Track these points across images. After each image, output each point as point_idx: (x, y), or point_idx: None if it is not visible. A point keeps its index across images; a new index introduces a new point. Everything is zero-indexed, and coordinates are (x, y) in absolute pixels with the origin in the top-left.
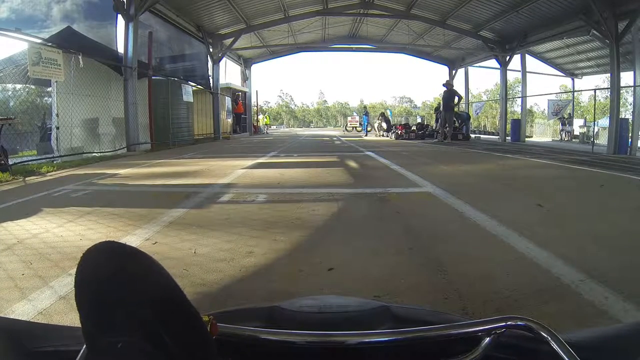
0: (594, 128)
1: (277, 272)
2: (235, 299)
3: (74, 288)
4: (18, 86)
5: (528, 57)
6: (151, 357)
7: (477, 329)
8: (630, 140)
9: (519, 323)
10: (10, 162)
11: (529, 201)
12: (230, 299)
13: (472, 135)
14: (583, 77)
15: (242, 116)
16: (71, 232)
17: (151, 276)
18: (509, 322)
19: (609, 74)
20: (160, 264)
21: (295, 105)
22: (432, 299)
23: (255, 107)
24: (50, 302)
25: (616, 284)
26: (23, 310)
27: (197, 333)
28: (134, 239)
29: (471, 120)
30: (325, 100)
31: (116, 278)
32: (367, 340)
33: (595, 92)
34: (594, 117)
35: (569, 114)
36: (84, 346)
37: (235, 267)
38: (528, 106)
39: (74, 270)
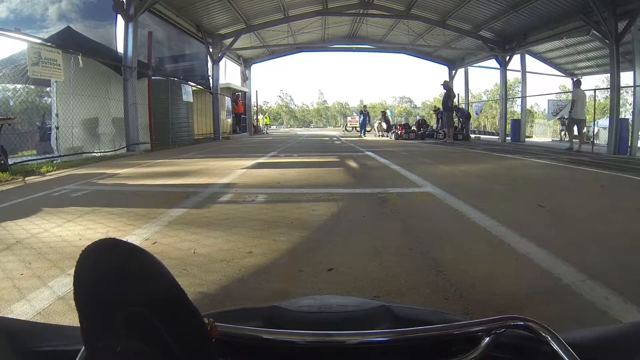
0: (593, 128)
1: (277, 273)
2: (234, 299)
3: (72, 286)
4: (18, 86)
5: (528, 57)
6: (150, 358)
7: (477, 328)
8: (630, 140)
9: (519, 323)
10: (10, 161)
11: (529, 201)
12: (229, 300)
13: (472, 136)
14: (583, 77)
15: (242, 116)
16: (71, 232)
17: (152, 274)
18: (509, 322)
19: (609, 74)
20: (160, 262)
21: (295, 105)
22: (432, 299)
23: (255, 107)
24: (49, 302)
25: (617, 285)
26: (22, 311)
27: (198, 333)
28: (133, 238)
29: (471, 120)
30: (325, 101)
31: (116, 275)
32: (367, 340)
33: (595, 92)
34: (594, 117)
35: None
36: (83, 346)
37: (235, 268)
38: (528, 106)
39: (73, 271)
